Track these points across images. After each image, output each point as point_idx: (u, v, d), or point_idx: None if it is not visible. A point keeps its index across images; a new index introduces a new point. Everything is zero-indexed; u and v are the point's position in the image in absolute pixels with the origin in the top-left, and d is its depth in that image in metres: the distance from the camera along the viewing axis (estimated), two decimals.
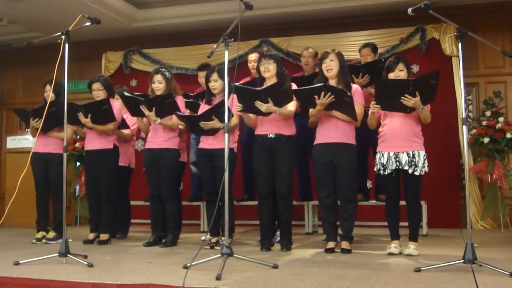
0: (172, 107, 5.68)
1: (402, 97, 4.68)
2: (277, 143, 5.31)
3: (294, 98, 5.23)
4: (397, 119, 4.89)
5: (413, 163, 4.80)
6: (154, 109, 5.67)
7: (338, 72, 5.19)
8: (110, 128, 6.10)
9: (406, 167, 4.82)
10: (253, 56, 6.81)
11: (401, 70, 4.92)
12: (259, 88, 5.17)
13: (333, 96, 4.93)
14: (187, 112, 6.01)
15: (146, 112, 5.71)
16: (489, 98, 7.79)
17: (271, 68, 5.33)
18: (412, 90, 4.65)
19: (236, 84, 5.02)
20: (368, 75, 6.16)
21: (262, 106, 5.09)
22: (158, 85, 5.82)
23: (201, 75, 6.97)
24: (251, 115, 5.39)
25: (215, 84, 5.66)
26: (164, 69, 6.00)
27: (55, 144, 6.33)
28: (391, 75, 4.94)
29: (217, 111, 5.31)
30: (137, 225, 7.66)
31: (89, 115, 5.97)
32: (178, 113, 5.70)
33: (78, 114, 5.96)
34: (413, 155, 4.82)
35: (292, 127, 5.43)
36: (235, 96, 5.11)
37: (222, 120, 5.21)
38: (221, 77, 5.58)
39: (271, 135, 5.32)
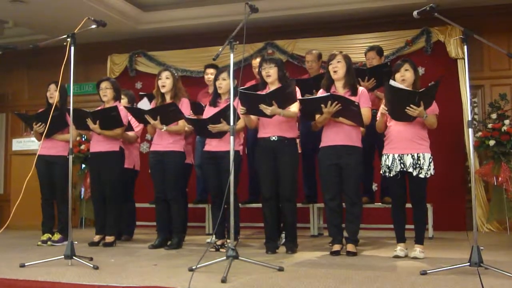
0: (176, 115, 5.70)
1: (407, 107, 4.68)
2: (279, 145, 5.31)
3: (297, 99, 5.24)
4: None
5: (418, 165, 4.79)
6: (158, 117, 5.69)
7: (344, 74, 5.19)
8: (118, 133, 6.13)
9: (410, 169, 4.81)
10: (256, 62, 6.80)
11: (406, 70, 4.93)
12: (263, 93, 5.17)
13: (339, 104, 4.93)
14: (192, 115, 6.01)
15: (151, 121, 5.73)
16: (495, 100, 7.77)
17: (272, 72, 5.34)
18: (417, 100, 4.66)
19: (240, 89, 5.02)
20: (374, 79, 6.16)
21: (267, 110, 5.09)
22: (165, 81, 5.84)
23: (209, 72, 6.97)
24: (252, 116, 5.39)
25: (223, 82, 5.67)
26: (172, 69, 6.06)
27: (60, 146, 6.35)
28: (397, 76, 4.94)
29: (225, 114, 5.30)
30: (142, 227, 7.67)
31: (98, 121, 5.98)
32: (187, 116, 5.71)
33: (87, 120, 5.98)
34: (418, 157, 4.81)
35: (294, 129, 5.43)
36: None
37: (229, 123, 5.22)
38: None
39: (273, 138, 5.32)
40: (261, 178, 5.46)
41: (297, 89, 5.34)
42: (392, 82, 4.80)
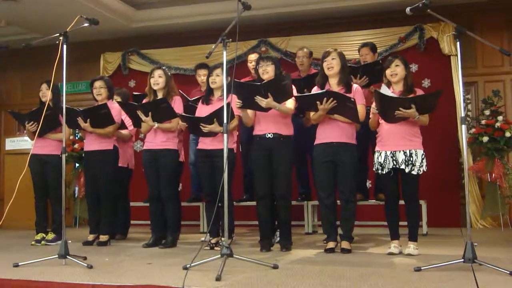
0: (168, 112, 5.68)
1: (397, 111, 4.69)
2: (275, 143, 5.30)
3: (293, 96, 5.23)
4: None
5: (410, 162, 4.80)
6: (150, 114, 5.67)
7: (339, 71, 5.19)
8: (110, 131, 6.10)
9: (403, 166, 4.82)
10: (253, 56, 6.81)
11: (397, 65, 4.94)
12: (259, 83, 5.15)
13: (335, 101, 4.93)
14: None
15: (143, 117, 5.70)
16: (488, 97, 7.79)
17: (269, 69, 5.33)
18: (407, 105, 4.68)
19: (236, 80, 5.02)
20: (366, 76, 6.16)
21: (262, 101, 5.08)
22: (158, 79, 5.82)
23: (201, 73, 6.98)
24: (249, 112, 5.38)
25: (216, 78, 5.65)
26: (165, 67, 6.04)
27: (53, 145, 6.33)
28: (388, 72, 4.96)
29: (220, 114, 5.27)
30: (136, 226, 7.65)
31: (88, 120, 5.96)
32: (181, 113, 5.69)
33: (78, 119, 5.96)
34: (410, 154, 4.81)
35: (290, 127, 5.42)
36: (234, 96, 5.11)
37: (222, 124, 5.20)
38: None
39: (269, 135, 5.31)
40: (256, 175, 5.45)
41: (293, 86, 5.35)
42: (382, 90, 4.81)
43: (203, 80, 6.85)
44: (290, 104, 5.26)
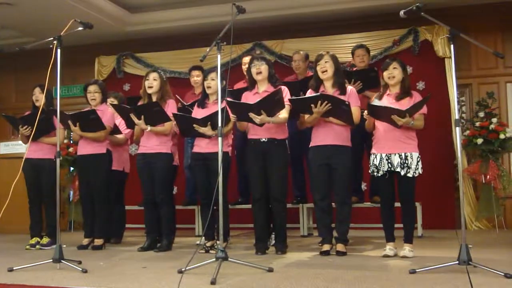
0: (160, 115, 5.66)
1: (392, 116, 4.71)
2: (270, 146, 5.30)
3: (287, 103, 5.21)
4: None
5: (405, 164, 4.80)
6: (143, 117, 5.65)
7: (332, 73, 5.19)
8: (100, 135, 6.08)
9: (398, 169, 4.82)
10: (247, 59, 6.80)
11: (395, 68, 4.95)
12: (252, 103, 5.12)
13: (329, 104, 4.93)
14: None
15: (136, 120, 5.69)
16: (482, 99, 7.81)
17: (262, 69, 5.33)
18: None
19: (228, 99, 5.01)
20: (360, 82, 6.16)
21: (256, 119, 5.08)
22: (152, 82, 5.80)
23: (194, 74, 6.99)
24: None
25: (212, 82, 5.63)
26: (160, 71, 6.03)
27: (47, 149, 6.30)
28: (385, 74, 4.98)
29: (215, 118, 5.26)
30: (131, 229, 7.63)
31: (78, 124, 5.95)
32: (175, 112, 5.67)
33: (68, 122, 5.95)
34: (406, 156, 4.82)
35: (285, 131, 5.42)
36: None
37: (216, 128, 5.17)
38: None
39: (263, 139, 5.31)
40: (252, 179, 5.45)
41: (287, 90, 5.34)
42: (374, 102, 4.82)
43: (196, 81, 6.87)
44: (284, 113, 5.25)
